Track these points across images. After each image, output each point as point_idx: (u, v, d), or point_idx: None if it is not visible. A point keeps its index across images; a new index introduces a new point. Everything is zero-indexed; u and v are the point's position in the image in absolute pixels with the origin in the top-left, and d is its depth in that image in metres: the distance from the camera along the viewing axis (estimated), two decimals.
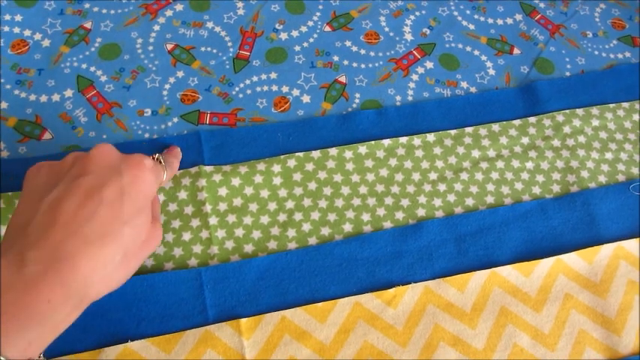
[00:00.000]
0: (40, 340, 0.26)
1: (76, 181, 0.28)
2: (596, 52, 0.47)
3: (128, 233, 0.29)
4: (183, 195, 0.38)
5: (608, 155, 0.42)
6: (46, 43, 0.43)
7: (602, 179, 0.41)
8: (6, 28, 0.43)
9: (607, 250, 0.38)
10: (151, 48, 0.44)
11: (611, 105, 0.44)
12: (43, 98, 0.41)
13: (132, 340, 0.33)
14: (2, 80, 0.41)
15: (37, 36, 0.43)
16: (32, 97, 0.41)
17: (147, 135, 0.40)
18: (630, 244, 0.39)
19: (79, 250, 0.27)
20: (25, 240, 0.27)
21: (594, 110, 0.44)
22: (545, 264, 0.38)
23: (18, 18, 0.44)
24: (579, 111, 0.44)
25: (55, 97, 0.41)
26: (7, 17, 0.44)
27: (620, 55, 0.47)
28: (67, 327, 0.27)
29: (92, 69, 0.43)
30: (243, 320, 0.34)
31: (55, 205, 0.28)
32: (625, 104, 0.45)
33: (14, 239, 0.27)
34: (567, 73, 0.46)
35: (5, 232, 0.29)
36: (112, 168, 0.30)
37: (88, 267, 0.27)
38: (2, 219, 0.36)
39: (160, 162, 0.34)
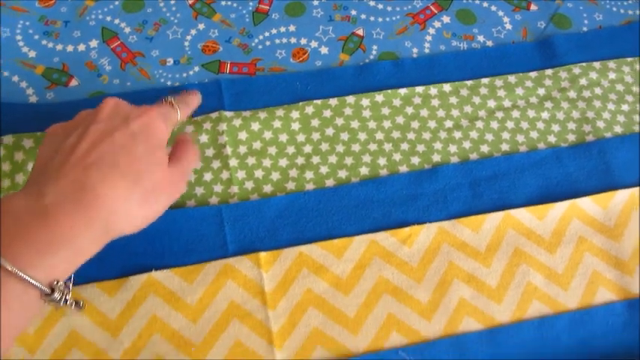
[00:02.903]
0: (67, 262, 0.27)
1: (88, 129, 0.30)
2: (614, 9, 0.47)
3: (144, 171, 0.30)
4: (204, 138, 0.39)
5: (625, 107, 0.43)
6: None
7: (618, 129, 0.42)
8: None
9: (622, 195, 0.39)
10: (172, 2, 0.45)
11: (629, 59, 0.45)
12: (70, 48, 0.42)
13: (156, 270, 0.34)
14: (30, 31, 0.43)
15: None
16: (59, 47, 0.42)
17: (169, 83, 0.41)
18: None
19: (98, 180, 0.28)
20: (42, 177, 0.28)
21: (611, 64, 0.44)
22: (560, 208, 0.38)
23: None
24: (596, 64, 0.44)
25: (81, 47, 0.43)
26: None
27: (638, 12, 0.47)
28: (94, 253, 0.28)
29: (116, 21, 0.44)
30: (263, 254, 0.35)
31: (70, 149, 0.29)
32: None
33: (31, 181, 0.29)
34: (584, 29, 0.46)
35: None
36: (121, 117, 0.31)
37: (109, 196, 0.28)
38: (32, 156, 0.37)
39: (172, 104, 0.35)
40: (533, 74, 0.43)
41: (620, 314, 0.35)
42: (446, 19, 0.46)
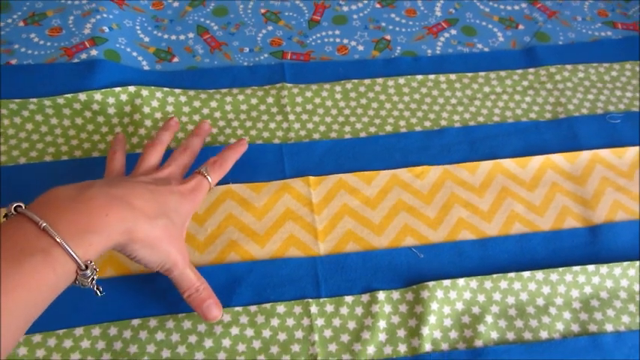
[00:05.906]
0: (97, 244, 0.32)
1: (156, 174, 0.41)
2: (584, 31, 0.61)
3: (169, 215, 0.37)
4: (270, 100, 0.53)
5: (590, 96, 0.55)
6: (176, 4, 0.61)
7: (585, 111, 0.54)
8: None
9: (586, 155, 0.50)
10: (249, 11, 0.61)
11: (594, 64, 0.58)
12: (173, 37, 0.58)
13: (232, 183, 0.47)
14: (145, 24, 0.58)
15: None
16: (165, 36, 0.58)
17: (245, 63, 0.56)
18: (604, 152, 0.51)
19: (137, 199, 0.35)
20: (99, 180, 0.37)
21: (580, 67, 0.58)
22: (537, 160, 0.50)
23: None
24: (568, 66, 0.57)
25: (181, 37, 0.58)
26: None
27: (603, 34, 0.61)
28: (115, 244, 0.34)
29: (207, 22, 0.59)
30: (312, 177, 0.48)
31: (131, 176, 0.40)
32: (605, 64, 0.58)
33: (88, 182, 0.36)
34: (560, 43, 0.60)
35: None
36: (177, 180, 0.41)
37: (138, 206, 0.35)
38: (146, 101, 0.51)
39: (205, 175, 0.42)
40: (519, 71, 0.57)
41: (583, 235, 0.46)
42: (453, 31, 0.60)
